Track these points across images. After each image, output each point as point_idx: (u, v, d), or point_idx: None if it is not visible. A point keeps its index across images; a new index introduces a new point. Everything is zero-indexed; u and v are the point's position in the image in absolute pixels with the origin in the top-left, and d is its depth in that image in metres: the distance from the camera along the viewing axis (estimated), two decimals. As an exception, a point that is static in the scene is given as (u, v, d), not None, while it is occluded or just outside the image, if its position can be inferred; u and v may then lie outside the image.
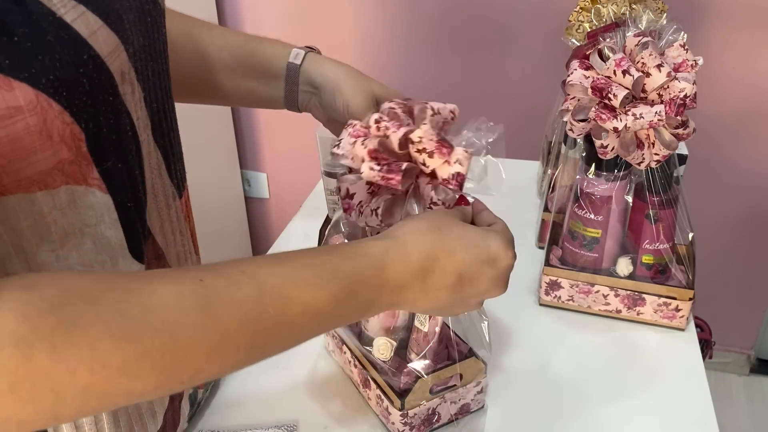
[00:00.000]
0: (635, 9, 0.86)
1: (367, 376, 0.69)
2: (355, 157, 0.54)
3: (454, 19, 1.62)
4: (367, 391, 0.70)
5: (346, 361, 0.73)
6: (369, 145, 0.53)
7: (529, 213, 1.08)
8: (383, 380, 0.67)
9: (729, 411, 1.78)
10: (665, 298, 0.81)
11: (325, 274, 0.45)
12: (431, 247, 0.50)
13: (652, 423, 0.70)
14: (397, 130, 0.53)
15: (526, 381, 0.75)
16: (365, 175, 0.53)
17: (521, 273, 0.94)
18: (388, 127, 0.53)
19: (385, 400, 0.66)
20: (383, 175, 0.53)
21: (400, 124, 0.54)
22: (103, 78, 0.42)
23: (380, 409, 0.68)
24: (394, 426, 0.66)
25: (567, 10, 0.96)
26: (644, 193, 0.80)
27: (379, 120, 0.54)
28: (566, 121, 0.79)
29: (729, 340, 1.87)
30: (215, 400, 0.73)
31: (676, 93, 0.70)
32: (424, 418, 0.67)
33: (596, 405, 0.72)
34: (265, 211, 2.12)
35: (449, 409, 0.68)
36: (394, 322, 0.68)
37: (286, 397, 0.74)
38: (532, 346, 0.81)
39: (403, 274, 0.49)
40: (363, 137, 0.55)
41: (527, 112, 1.60)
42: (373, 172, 0.53)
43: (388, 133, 0.53)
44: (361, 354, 0.69)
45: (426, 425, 0.67)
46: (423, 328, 0.65)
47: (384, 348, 0.68)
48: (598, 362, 0.78)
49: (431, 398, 0.66)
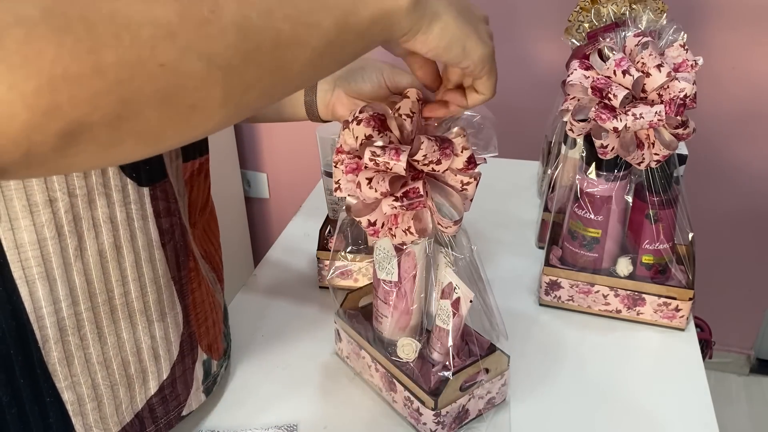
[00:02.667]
0: (635, 9, 0.86)
1: (392, 379, 0.69)
2: (368, 198, 0.55)
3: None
4: (392, 394, 0.70)
5: (365, 365, 0.73)
6: (380, 187, 0.54)
7: (529, 213, 1.08)
8: (411, 382, 0.67)
9: (729, 411, 1.78)
10: (665, 298, 0.81)
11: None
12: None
13: (652, 423, 0.70)
14: (398, 159, 0.53)
15: (526, 381, 0.75)
16: (387, 211, 0.55)
17: (521, 273, 0.95)
18: (387, 162, 0.54)
19: (416, 401, 0.66)
20: (407, 207, 0.55)
21: (396, 150, 0.54)
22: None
23: (408, 411, 0.68)
24: (426, 426, 0.66)
25: (567, 10, 0.96)
26: (644, 193, 0.80)
27: (373, 157, 0.54)
28: (566, 121, 0.79)
29: (729, 340, 1.87)
30: (215, 400, 0.73)
31: (676, 93, 0.70)
32: (455, 415, 0.67)
33: (596, 405, 0.72)
34: (265, 211, 2.12)
35: (477, 405, 0.69)
36: (409, 319, 0.69)
37: (286, 397, 0.74)
38: (531, 346, 0.81)
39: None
40: (357, 169, 0.56)
41: (527, 112, 1.60)
42: (395, 209, 0.55)
43: (390, 166, 0.54)
44: (384, 357, 0.69)
45: (456, 423, 0.68)
46: (446, 326, 0.65)
47: (408, 348, 0.68)
48: (598, 362, 0.78)
49: (461, 395, 0.66)
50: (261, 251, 2.11)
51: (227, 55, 0.36)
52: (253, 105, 0.40)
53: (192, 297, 0.64)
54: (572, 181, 0.86)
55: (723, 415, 0.92)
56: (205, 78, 0.35)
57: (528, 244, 1.01)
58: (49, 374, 0.54)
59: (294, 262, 0.98)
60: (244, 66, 0.37)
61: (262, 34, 0.37)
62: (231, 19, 0.36)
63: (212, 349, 0.68)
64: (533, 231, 1.03)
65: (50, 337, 0.53)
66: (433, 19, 0.47)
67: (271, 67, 0.39)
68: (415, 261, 0.66)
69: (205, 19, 0.35)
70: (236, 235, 2.01)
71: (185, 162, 0.63)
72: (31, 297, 0.51)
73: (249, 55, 0.37)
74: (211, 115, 0.38)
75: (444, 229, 0.59)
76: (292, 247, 1.02)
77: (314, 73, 0.43)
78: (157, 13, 0.33)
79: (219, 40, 0.35)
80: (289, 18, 0.39)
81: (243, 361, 0.79)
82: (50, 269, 0.51)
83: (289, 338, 0.82)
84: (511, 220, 1.07)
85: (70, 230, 0.51)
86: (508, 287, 0.91)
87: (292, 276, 0.95)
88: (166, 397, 0.63)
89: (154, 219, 0.57)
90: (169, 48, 0.33)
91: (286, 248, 1.02)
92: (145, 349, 0.60)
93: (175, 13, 0.34)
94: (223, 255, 0.78)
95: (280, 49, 0.39)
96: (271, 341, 0.82)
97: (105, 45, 0.31)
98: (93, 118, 0.32)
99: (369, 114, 0.56)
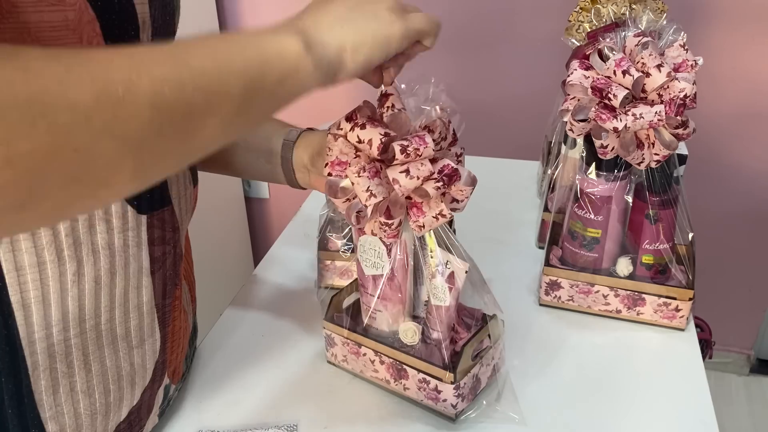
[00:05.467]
0: (635, 9, 0.86)
1: (401, 366, 0.69)
2: (406, 189, 0.58)
3: (454, 19, 1.62)
4: (402, 381, 0.70)
5: (367, 362, 0.73)
6: (421, 173, 0.57)
7: (529, 213, 1.08)
8: (424, 363, 0.67)
9: (729, 411, 1.78)
10: (665, 298, 0.81)
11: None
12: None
13: (651, 423, 0.70)
14: (425, 143, 0.57)
15: (526, 381, 0.75)
16: (432, 194, 0.59)
17: (521, 273, 0.95)
18: (417, 149, 0.57)
19: (432, 380, 0.67)
20: (447, 183, 0.58)
21: (419, 137, 0.57)
22: (131, 10, 0.47)
23: (425, 393, 0.69)
24: (446, 402, 0.67)
25: (567, 10, 0.96)
26: (644, 193, 0.80)
27: (403, 149, 0.56)
28: (566, 121, 0.79)
29: (729, 340, 1.87)
30: (215, 400, 0.73)
31: (676, 93, 0.70)
32: (471, 386, 0.69)
33: (596, 405, 0.72)
34: (265, 211, 2.12)
35: (486, 372, 0.71)
36: (403, 308, 0.69)
37: (286, 397, 0.74)
38: (531, 346, 0.81)
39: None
40: (377, 172, 0.59)
41: (527, 112, 1.60)
42: (439, 189, 0.58)
43: (420, 153, 0.57)
44: (388, 347, 0.70)
45: (472, 393, 0.69)
46: (443, 303, 0.66)
47: (410, 332, 0.69)
48: (598, 362, 0.78)
49: (473, 364, 0.68)
50: (261, 251, 2.11)
51: (140, 133, 0.36)
52: (164, 172, 0.41)
53: (172, 325, 0.64)
54: (572, 181, 0.86)
55: (723, 415, 0.92)
56: (117, 156, 0.35)
57: (528, 244, 1.01)
58: (35, 404, 0.53)
59: (294, 262, 0.98)
60: (155, 140, 0.37)
61: (174, 107, 0.37)
62: (145, 98, 0.35)
63: (175, 373, 0.68)
64: (533, 231, 1.03)
65: (39, 364, 0.52)
66: (341, 54, 0.48)
67: (183, 137, 0.39)
68: (406, 250, 0.66)
69: (120, 99, 0.34)
70: (236, 235, 2.01)
71: (195, 186, 0.63)
72: (26, 321, 0.50)
73: (161, 129, 0.37)
74: (120, 189, 0.38)
75: (463, 196, 0.61)
76: (292, 247, 1.02)
77: (226, 136, 0.43)
78: (73, 96, 0.32)
79: (133, 120, 0.35)
80: (200, 89, 0.39)
81: (243, 361, 0.79)
82: (47, 293, 0.50)
83: (290, 338, 0.82)
84: (511, 220, 1.07)
85: (69, 254, 0.50)
86: (508, 287, 0.91)
87: (292, 276, 0.95)
88: (132, 422, 0.62)
89: (148, 246, 0.56)
90: (84, 132, 0.33)
91: (286, 248, 1.02)
92: (125, 376, 0.59)
93: (91, 95, 0.33)
94: (223, 255, 0.79)
95: (191, 120, 0.39)
96: (271, 341, 0.82)
97: (18, 135, 0.30)
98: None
99: (365, 117, 0.57)
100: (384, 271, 0.67)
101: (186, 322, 0.68)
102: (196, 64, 0.39)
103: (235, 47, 0.42)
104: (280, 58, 0.44)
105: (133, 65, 0.36)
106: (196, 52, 0.40)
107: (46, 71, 0.32)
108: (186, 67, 0.38)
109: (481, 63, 1.68)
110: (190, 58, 0.39)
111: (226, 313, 0.88)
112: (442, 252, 0.64)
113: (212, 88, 0.39)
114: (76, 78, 0.33)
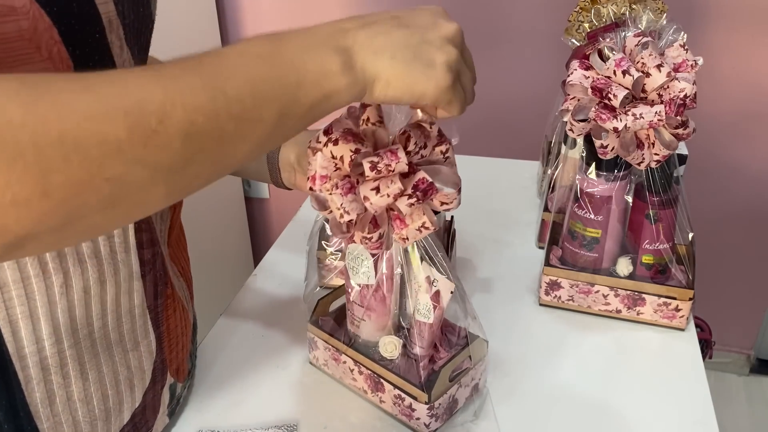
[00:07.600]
0: (635, 9, 0.86)
1: (378, 379, 0.69)
2: (379, 207, 0.56)
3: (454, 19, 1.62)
4: (379, 394, 0.70)
5: (347, 370, 0.72)
6: (391, 191, 0.55)
7: (529, 213, 1.08)
8: (400, 379, 0.67)
9: (729, 411, 1.78)
10: (665, 298, 0.81)
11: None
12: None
13: (651, 423, 0.70)
14: (397, 158, 0.55)
15: (526, 381, 0.75)
16: (405, 211, 0.57)
17: (521, 273, 0.95)
18: (389, 165, 0.54)
19: (407, 397, 0.66)
20: (422, 199, 0.56)
21: (390, 151, 0.55)
22: (92, 12, 0.44)
23: (399, 408, 0.68)
24: (420, 421, 0.66)
25: (567, 10, 0.96)
26: (644, 193, 0.80)
27: (374, 165, 0.54)
28: (566, 121, 0.79)
29: (729, 340, 1.87)
30: (215, 400, 0.73)
31: (676, 93, 0.70)
32: (447, 406, 0.67)
33: (596, 405, 0.72)
34: (265, 211, 2.12)
35: (464, 393, 0.69)
36: (387, 320, 0.68)
37: (286, 397, 0.74)
38: (531, 346, 0.81)
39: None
40: (352, 188, 0.57)
41: (527, 112, 1.60)
42: (413, 205, 0.56)
43: (392, 168, 0.55)
44: (367, 359, 0.69)
45: (447, 413, 0.68)
46: (427, 320, 0.65)
47: (391, 346, 0.68)
48: (598, 362, 0.78)
49: (450, 385, 0.67)
50: (261, 251, 2.11)
51: (171, 161, 0.37)
52: (195, 191, 0.42)
53: (166, 324, 0.63)
54: (572, 181, 0.86)
55: (723, 415, 0.92)
56: (149, 182, 0.36)
57: (528, 244, 1.01)
58: (32, 416, 0.52)
59: (294, 263, 0.98)
60: (187, 166, 0.38)
61: (207, 135, 0.38)
62: (178, 128, 0.36)
63: (179, 372, 0.68)
64: (533, 231, 1.03)
65: (32, 377, 0.51)
66: (374, 82, 0.46)
67: (214, 161, 0.40)
68: (392, 261, 0.65)
69: (152, 131, 0.35)
70: (236, 235, 2.01)
71: None
72: (14, 337, 0.49)
73: (193, 156, 0.38)
74: (155, 207, 0.40)
75: (449, 203, 0.59)
76: (292, 247, 1.02)
77: (255, 156, 0.44)
78: (105, 130, 0.33)
79: (165, 149, 0.36)
80: (234, 117, 0.39)
81: (243, 361, 0.79)
82: (34, 308, 0.50)
83: (290, 338, 0.82)
84: (511, 220, 1.07)
85: (55, 267, 0.50)
86: (508, 287, 0.91)
87: (292, 276, 0.95)
88: (137, 424, 0.62)
89: (137, 251, 0.56)
90: (116, 163, 0.34)
91: (286, 248, 1.02)
92: (122, 380, 0.59)
93: (124, 128, 0.34)
94: (223, 255, 0.78)
95: (223, 146, 0.39)
96: (271, 341, 0.82)
97: (53, 169, 0.32)
98: (38, 230, 0.33)
99: (341, 132, 0.56)
100: (370, 281, 0.66)
101: (186, 319, 0.68)
102: (233, 93, 0.39)
103: (274, 72, 0.42)
104: (317, 85, 0.43)
105: (167, 94, 0.36)
106: (233, 77, 0.39)
107: (77, 105, 0.33)
108: (222, 94, 0.38)
109: (481, 63, 1.67)
110: (226, 86, 0.39)
111: (226, 313, 0.88)
112: (429, 268, 0.63)
113: (246, 116, 0.40)
114: (110, 110, 0.34)
